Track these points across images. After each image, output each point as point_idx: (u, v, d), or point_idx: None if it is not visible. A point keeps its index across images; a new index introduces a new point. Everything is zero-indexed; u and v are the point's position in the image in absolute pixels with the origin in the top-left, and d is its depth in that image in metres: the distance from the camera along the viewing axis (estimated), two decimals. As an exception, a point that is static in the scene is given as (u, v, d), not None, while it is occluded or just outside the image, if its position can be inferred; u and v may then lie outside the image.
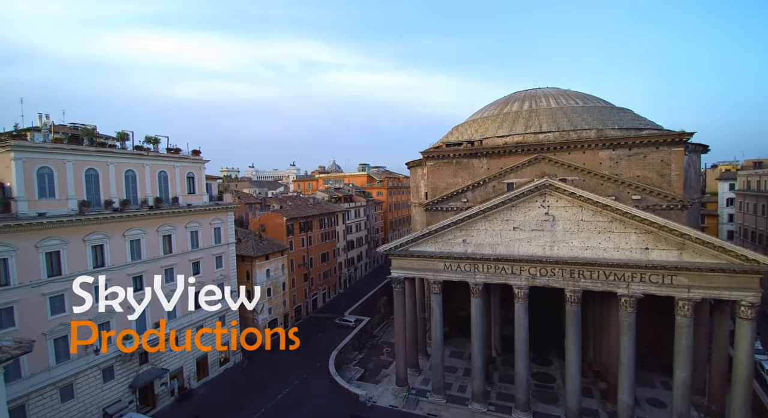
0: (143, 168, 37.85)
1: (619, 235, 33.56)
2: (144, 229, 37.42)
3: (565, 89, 70.05)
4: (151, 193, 38.48)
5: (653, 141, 44.81)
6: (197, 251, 43.10)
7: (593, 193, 46.98)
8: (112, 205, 34.81)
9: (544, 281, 35.86)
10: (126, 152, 36.49)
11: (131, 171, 36.85)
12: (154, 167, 38.91)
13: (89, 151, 33.46)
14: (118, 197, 35.58)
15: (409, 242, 40.43)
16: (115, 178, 35.53)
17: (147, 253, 37.89)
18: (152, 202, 38.18)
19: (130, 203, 36.28)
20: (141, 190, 37.71)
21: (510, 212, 36.94)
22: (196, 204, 42.85)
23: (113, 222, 34.85)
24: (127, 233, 36.09)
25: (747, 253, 29.56)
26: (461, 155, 54.54)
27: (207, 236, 44.37)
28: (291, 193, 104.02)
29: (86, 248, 33.34)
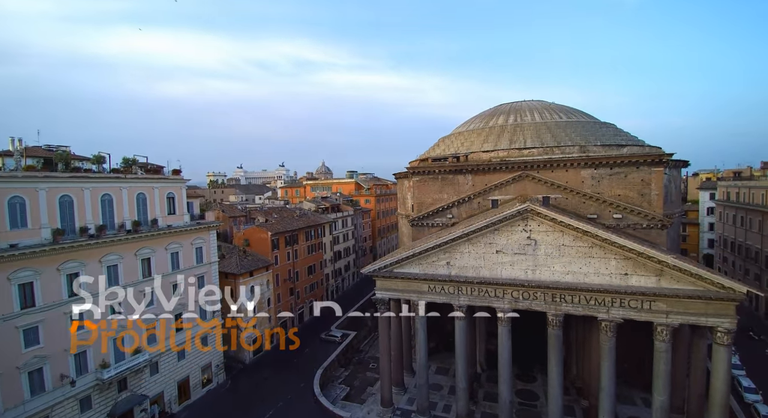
0: (120, 191, 36.98)
1: (599, 260, 33.93)
2: (121, 254, 36.57)
3: (549, 102, 70.69)
4: (129, 217, 37.63)
5: (634, 161, 45.41)
6: (178, 272, 42.33)
7: (576, 211, 48.13)
8: (88, 232, 33.94)
9: (526, 304, 36.09)
10: (102, 176, 35.60)
11: (108, 195, 35.96)
12: (132, 190, 38.05)
13: (63, 178, 32.54)
14: (94, 223, 34.71)
15: (393, 264, 40.31)
16: (91, 204, 34.64)
17: (125, 278, 37.04)
18: (130, 225, 37.34)
19: (106, 228, 35.41)
20: (118, 214, 36.84)
21: (493, 235, 37.05)
22: (176, 225, 42.06)
23: (89, 249, 33.96)
24: (104, 259, 35.21)
25: (723, 281, 30.10)
26: (447, 171, 54.60)
27: (188, 257, 43.61)
28: (278, 201, 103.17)
29: (61, 277, 32.45)
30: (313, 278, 70.36)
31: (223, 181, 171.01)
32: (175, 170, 42.93)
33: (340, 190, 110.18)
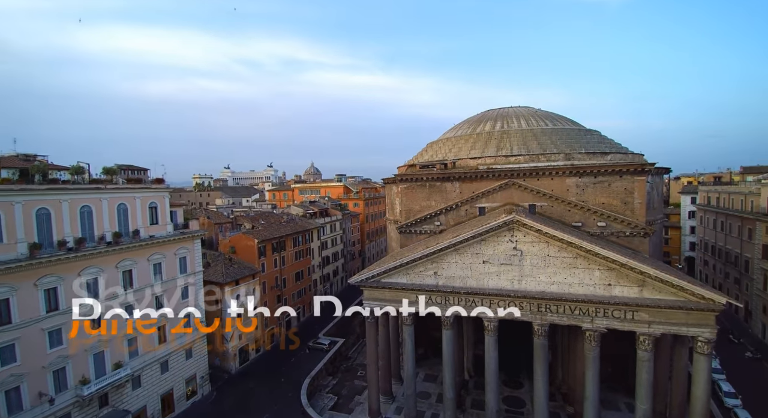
0: (101, 202, 36.07)
1: (583, 271, 34.32)
2: (102, 266, 35.70)
3: (536, 109, 71.47)
4: (110, 228, 36.73)
5: (617, 170, 46.15)
6: (161, 283, 41.50)
7: (561, 219, 48.73)
8: (66, 245, 33.00)
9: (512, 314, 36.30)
10: (81, 187, 34.65)
11: (87, 207, 35.03)
12: (113, 200, 37.16)
13: (40, 190, 31.60)
14: (73, 236, 33.78)
15: (380, 274, 40.15)
16: (69, 216, 33.71)
17: (105, 293, 36.14)
18: (110, 237, 36.46)
19: (86, 241, 34.50)
20: (98, 225, 35.93)
21: (480, 245, 37.18)
22: (159, 235, 41.23)
23: (67, 263, 33.05)
24: (84, 273, 34.33)
25: (703, 292, 30.72)
26: (434, 178, 54.72)
27: (171, 267, 42.81)
28: (266, 205, 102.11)
29: (38, 292, 31.51)
30: (300, 284, 69.81)
31: (209, 183, 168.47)
32: (158, 179, 42.11)
33: (328, 194, 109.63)
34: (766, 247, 56.15)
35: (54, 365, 32.69)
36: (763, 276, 56.75)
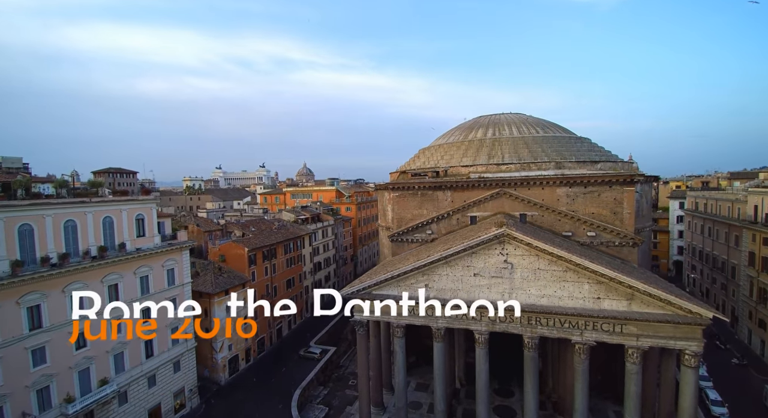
0: (85, 216, 35.34)
1: (573, 284, 34.46)
2: (86, 282, 34.97)
3: (527, 116, 71.77)
4: (95, 242, 36.02)
5: (607, 180, 46.44)
6: (148, 296, 40.84)
7: (551, 229, 48.97)
8: (50, 261, 32.29)
9: (503, 326, 36.35)
10: (65, 201, 33.92)
11: (71, 221, 34.31)
12: (98, 214, 36.43)
13: (22, 206, 30.86)
14: (57, 252, 33.06)
15: (371, 286, 39.93)
16: (53, 231, 32.98)
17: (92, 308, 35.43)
18: (96, 252, 35.77)
19: (70, 256, 33.79)
20: (83, 240, 35.20)
21: (471, 258, 37.13)
22: (146, 248, 40.55)
23: (51, 279, 32.33)
24: (68, 289, 33.61)
25: (690, 306, 31.00)
26: (426, 187, 54.64)
27: (159, 280, 42.14)
28: (257, 209, 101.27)
29: (21, 310, 30.77)
30: (291, 291, 69.32)
31: (200, 186, 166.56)
32: (145, 190, 41.45)
33: (320, 198, 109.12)
34: (752, 254, 56.97)
35: (38, 383, 31.98)
36: (750, 283, 57.59)
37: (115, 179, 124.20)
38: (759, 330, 55.58)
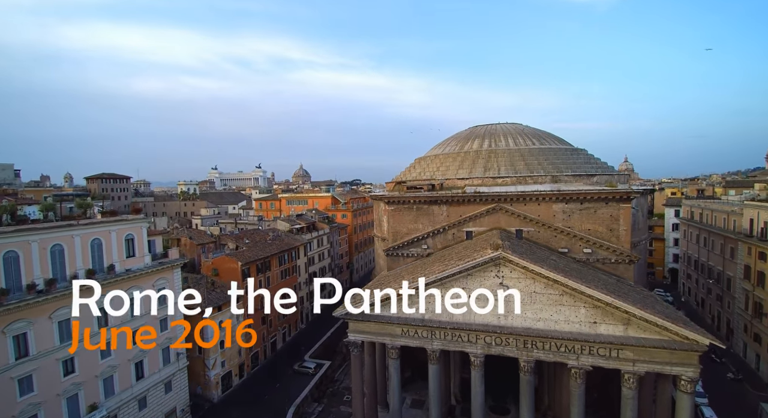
0: (72, 239, 34.58)
1: (569, 308, 34.12)
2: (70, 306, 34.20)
3: (523, 126, 71.47)
4: (83, 266, 35.27)
5: (603, 197, 46.13)
6: (138, 318, 40.13)
7: (548, 244, 48.65)
8: (36, 288, 31.54)
9: (499, 349, 35.97)
10: (52, 225, 33.14)
11: (59, 245, 33.54)
12: (86, 236, 35.67)
13: (8, 233, 30.06)
14: (43, 277, 32.32)
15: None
16: (39, 256, 32.21)
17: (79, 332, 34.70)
18: (84, 275, 35.00)
19: (57, 282, 33.04)
20: (70, 264, 34.45)
21: (466, 280, 36.68)
22: (136, 268, 39.83)
23: (37, 306, 31.58)
24: (55, 315, 32.87)
25: (687, 333, 30.71)
26: (422, 201, 54.14)
27: (150, 300, 41.43)
28: (252, 216, 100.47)
29: (7, 339, 30.01)
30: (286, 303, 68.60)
31: (194, 190, 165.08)
32: (135, 208, 40.66)
33: (316, 205, 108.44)
34: (747, 267, 56.93)
35: (25, 412, 31.25)
36: (745, 296, 57.57)
37: (108, 185, 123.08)
38: (754, 344, 55.57)
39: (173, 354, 44.31)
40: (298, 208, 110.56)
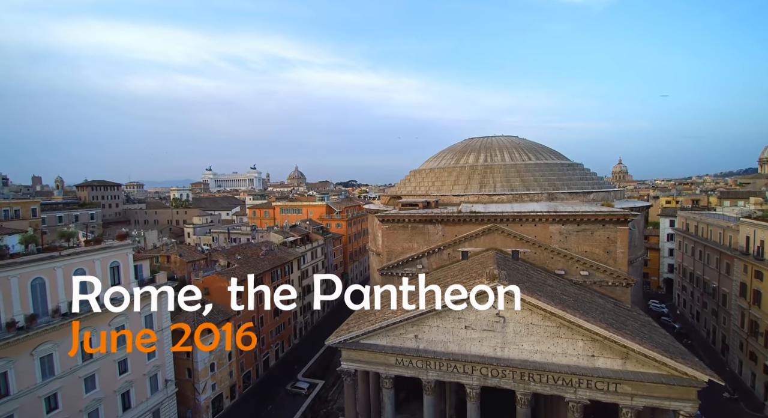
0: (54, 272, 33.32)
1: (567, 340, 33.42)
2: (56, 341, 33.03)
3: (519, 139, 70.96)
4: (65, 298, 34.02)
5: (600, 219, 45.54)
6: (125, 348, 38.94)
7: (544, 266, 48.03)
8: (16, 325, 30.30)
9: (495, 381, 35.22)
10: (32, 259, 31.84)
11: (39, 279, 32.29)
12: (69, 267, 34.41)
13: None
14: (23, 313, 31.07)
15: (359, 336, 38.55)
16: (19, 292, 30.97)
17: (62, 366, 33.53)
18: (66, 308, 33.77)
19: (38, 317, 31.82)
20: (52, 297, 33.20)
21: (461, 310, 35.90)
22: (121, 297, 38.57)
23: (17, 344, 30.35)
24: (36, 351, 31.65)
25: (686, 369, 30.16)
26: (417, 220, 53.28)
27: (136, 327, 40.24)
28: (245, 227, 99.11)
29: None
30: (279, 319, 67.59)
31: (187, 196, 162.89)
32: (121, 235, 39.43)
33: (310, 214, 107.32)
34: (743, 285, 56.68)
35: (2, 455, 30.06)
36: (741, 314, 57.34)
37: (98, 192, 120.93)
38: (750, 362, 55.35)
39: (161, 382, 43.14)
40: (292, 217, 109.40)
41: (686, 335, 72.24)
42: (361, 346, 38.67)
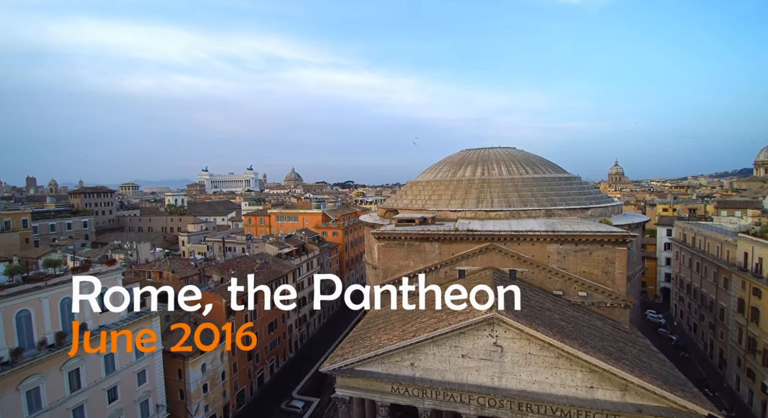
0: (40, 302, 32.41)
1: (565, 371, 32.86)
2: (43, 374, 32.12)
3: (517, 151, 70.45)
4: (52, 329, 33.12)
5: (598, 239, 45.00)
6: (114, 374, 38.06)
7: (542, 286, 47.46)
8: (1, 361, 29.38)
9: (492, 411, 34.62)
10: (17, 291, 30.93)
11: (25, 311, 31.38)
12: (55, 297, 33.51)
13: (-35, 305, 27.89)
14: (8, 347, 30.15)
15: (354, 363, 37.85)
16: (4, 325, 30.06)
17: (48, 399, 32.60)
18: (53, 339, 32.87)
19: (24, 350, 30.91)
20: (38, 329, 32.29)
21: (458, 338, 35.25)
22: (110, 323, 37.71)
23: (2, 379, 29.41)
24: (22, 386, 30.73)
25: (686, 403, 29.66)
26: (413, 238, 52.55)
27: (126, 354, 39.35)
28: (240, 236, 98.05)
29: (-35, 418, 27.93)
30: (274, 334, 66.76)
31: (182, 201, 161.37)
32: (109, 260, 38.49)
33: (306, 221, 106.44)
34: (741, 301, 56.40)
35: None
36: (738, 330, 57.06)
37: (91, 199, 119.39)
38: (747, 379, 55.07)
39: (152, 407, 42.28)
40: (288, 224, 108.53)
41: (684, 348, 72.09)
42: (356, 373, 37.96)
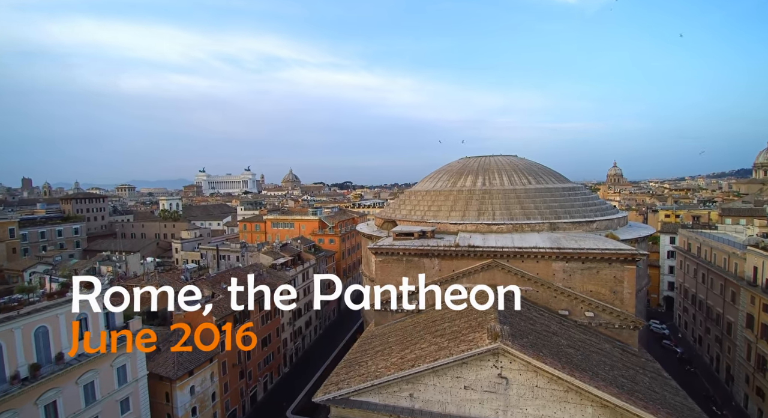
0: (12, 334, 30.06)
1: (575, 406, 30.77)
2: (16, 409, 29.81)
3: (519, 159, 68.47)
4: (25, 361, 30.80)
5: (606, 257, 42.99)
6: (94, 405, 35.74)
7: (547, 306, 45.39)
8: (-37, 400, 27.07)
9: (497, 447, 32.57)
10: (-16, 322, 28.62)
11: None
12: (29, 327, 31.16)
13: None
14: (-27, 385, 27.86)
15: (350, 393, 35.69)
16: (-32, 361, 27.73)
17: (20, 438, 30.32)
18: (26, 372, 30.56)
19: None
20: (10, 362, 29.94)
21: (461, 368, 33.09)
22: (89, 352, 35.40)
23: (-35, 421, 27.20)
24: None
25: (705, 445, 27.68)
26: (412, 253, 50.41)
27: (107, 382, 37.04)
28: (234, 244, 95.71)
29: None
30: (268, 349, 64.49)
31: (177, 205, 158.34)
32: (86, 283, 36.16)
33: (302, 228, 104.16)
34: (750, 316, 54.56)
35: None
36: (747, 346, 55.24)
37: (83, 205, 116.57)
38: (757, 398, 53.24)
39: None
40: (284, 231, 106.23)
41: (689, 362, 70.26)
42: (351, 403, 35.79)
